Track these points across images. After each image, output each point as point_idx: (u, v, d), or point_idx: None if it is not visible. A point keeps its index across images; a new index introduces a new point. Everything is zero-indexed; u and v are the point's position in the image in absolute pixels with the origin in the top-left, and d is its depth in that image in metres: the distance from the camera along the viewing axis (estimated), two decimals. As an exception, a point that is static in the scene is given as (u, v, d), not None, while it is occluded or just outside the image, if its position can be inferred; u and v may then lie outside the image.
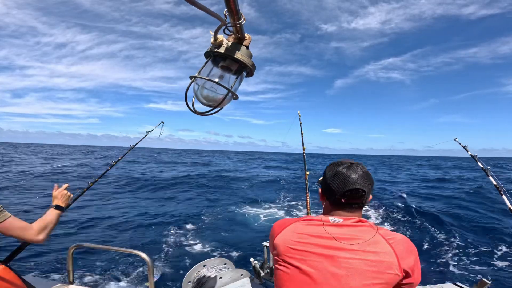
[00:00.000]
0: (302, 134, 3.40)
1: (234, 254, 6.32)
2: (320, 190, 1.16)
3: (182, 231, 7.71)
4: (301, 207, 11.27)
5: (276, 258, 1.04)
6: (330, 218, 1.03)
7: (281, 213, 10.54)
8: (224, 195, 13.76)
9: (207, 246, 6.73)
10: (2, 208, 1.33)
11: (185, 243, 6.83)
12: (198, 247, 6.64)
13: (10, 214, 1.36)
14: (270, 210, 10.88)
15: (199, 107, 1.06)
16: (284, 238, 1.02)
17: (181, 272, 5.23)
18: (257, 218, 9.72)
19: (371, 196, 1.09)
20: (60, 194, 1.71)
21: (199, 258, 5.89)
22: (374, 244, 0.96)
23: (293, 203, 12.17)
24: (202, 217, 9.32)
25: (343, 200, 1.03)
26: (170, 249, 6.35)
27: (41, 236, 1.46)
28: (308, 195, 2.75)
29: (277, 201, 12.68)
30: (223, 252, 6.34)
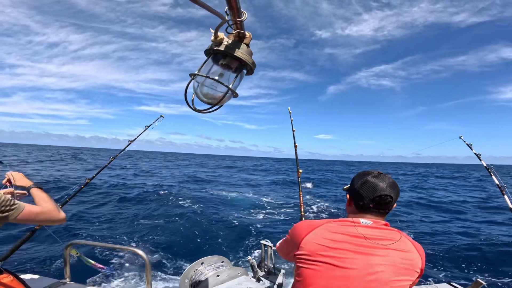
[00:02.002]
0: (293, 131, 3.32)
1: (232, 252, 6.32)
2: (348, 196, 1.25)
3: (180, 229, 7.71)
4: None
5: (305, 257, 1.08)
6: (361, 220, 1.12)
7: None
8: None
9: (204, 244, 6.74)
10: (12, 201, 1.22)
11: (182, 241, 6.83)
12: (195, 245, 6.65)
13: (24, 204, 1.26)
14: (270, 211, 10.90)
15: (198, 104, 1.06)
16: (317, 237, 1.08)
17: (179, 269, 5.23)
18: (255, 217, 9.73)
19: (395, 204, 1.19)
20: (18, 176, 1.55)
21: (196, 256, 5.89)
22: (404, 244, 1.08)
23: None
24: (197, 216, 9.32)
25: (371, 206, 1.13)
26: (168, 247, 6.34)
27: (62, 213, 1.38)
28: (301, 192, 2.74)
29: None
30: (220, 250, 6.35)
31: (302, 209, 2.63)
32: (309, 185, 20.28)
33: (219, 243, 6.84)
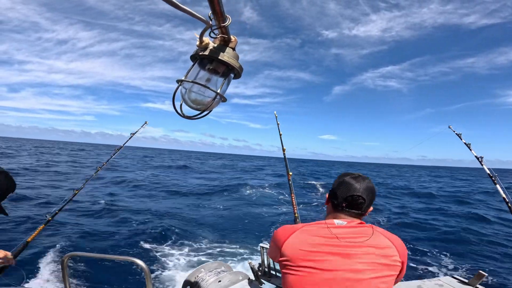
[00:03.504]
0: (280, 135, 3.29)
1: (231, 257, 6.29)
2: (327, 195, 1.28)
3: (176, 237, 7.64)
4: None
5: (287, 263, 1.08)
6: (335, 220, 1.13)
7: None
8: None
9: (203, 250, 6.69)
10: None
11: (181, 249, 6.77)
12: (194, 252, 6.60)
13: None
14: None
15: (187, 110, 1.05)
16: (295, 242, 1.09)
17: (180, 277, 5.18)
18: (253, 220, 9.70)
19: (371, 208, 1.21)
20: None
21: (196, 262, 5.85)
22: (378, 239, 1.08)
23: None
24: (196, 222, 9.26)
25: (344, 205, 1.15)
26: (167, 255, 6.28)
27: None
28: (293, 195, 2.73)
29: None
30: (220, 256, 6.31)
31: (296, 210, 2.62)
32: (318, 185, 20.53)
33: (218, 249, 6.79)
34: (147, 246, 6.82)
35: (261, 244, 2.73)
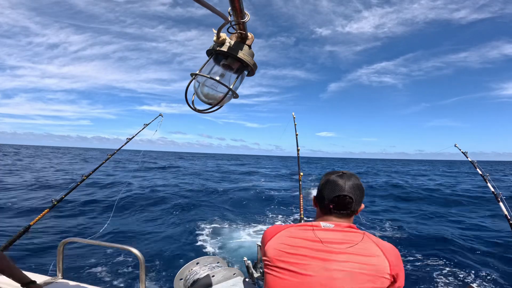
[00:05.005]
0: (296, 135, 3.41)
1: (227, 253, 6.31)
2: (313, 197, 1.20)
3: (175, 229, 7.67)
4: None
5: (267, 263, 1.05)
6: (322, 223, 1.06)
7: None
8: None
9: (200, 244, 6.71)
10: None
11: (178, 241, 6.80)
12: (191, 245, 6.62)
13: None
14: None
15: (198, 104, 1.06)
16: (277, 242, 1.05)
17: (174, 269, 5.21)
18: (251, 218, 9.72)
19: (362, 205, 1.12)
20: None
21: (192, 256, 5.87)
22: (366, 248, 0.99)
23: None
24: (195, 215, 9.29)
25: (331, 206, 1.08)
26: (163, 246, 6.31)
27: None
28: (301, 195, 2.75)
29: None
30: (216, 251, 6.33)
31: (302, 211, 2.63)
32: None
33: (215, 244, 6.80)
34: (148, 237, 6.85)
35: (257, 243, 2.75)
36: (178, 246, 6.44)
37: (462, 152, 3.44)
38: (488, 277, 5.51)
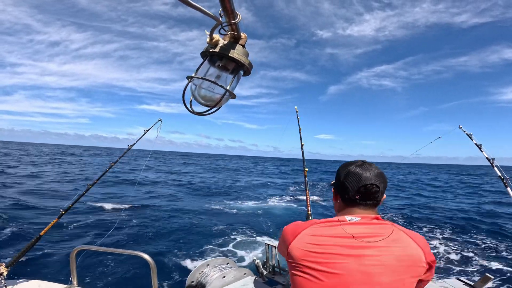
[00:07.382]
0: (300, 129, 3.39)
1: (236, 253, 6.33)
2: (333, 190, 1.15)
3: (184, 233, 7.72)
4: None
5: (294, 264, 0.99)
6: (347, 217, 1.01)
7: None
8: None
9: (208, 246, 6.74)
10: None
11: (187, 244, 6.85)
12: (200, 248, 6.66)
13: None
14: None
15: (196, 107, 1.06)
16: (301, 242, 0.98)
17: (185, 272, 5.25)
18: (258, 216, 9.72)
19: (385, 196, 1.08)
20: None
21: (201, 258, 5.90)
22: (398, 239, 0.95)
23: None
24: (202, 218, 9.33)
25: (357, 197, 1.03)
26: (173, 250, 6.36)
27: None
28: (308, 192, 2.73)
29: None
30: (225, 252, 6.36)
31: (309, 208, 2.62)
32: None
33: (223, 245, 6.83)
34: (157, 241, 6.91)
35: (266, 242, 2.75)
36: (186, 248, 6.49)
37: (467, 134, 3.17)
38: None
